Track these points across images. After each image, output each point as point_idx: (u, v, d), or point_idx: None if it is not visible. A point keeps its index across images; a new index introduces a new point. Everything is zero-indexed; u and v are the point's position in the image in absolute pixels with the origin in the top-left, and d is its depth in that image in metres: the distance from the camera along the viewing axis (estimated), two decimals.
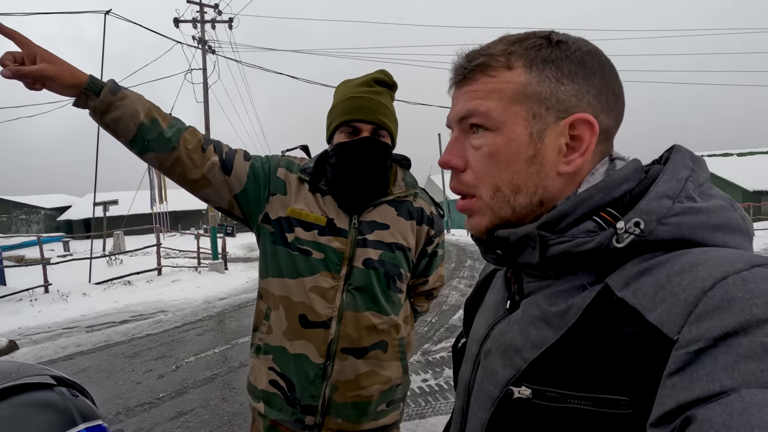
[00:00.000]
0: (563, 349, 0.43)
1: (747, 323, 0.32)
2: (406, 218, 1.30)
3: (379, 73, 1.27)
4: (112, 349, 5.32)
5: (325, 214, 1.23)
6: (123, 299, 8.55)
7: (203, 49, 13.53)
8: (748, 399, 0.29)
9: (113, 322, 6.87)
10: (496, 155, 0.49)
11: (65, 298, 8.51)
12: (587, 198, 0.46)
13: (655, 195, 0.43)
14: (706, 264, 0.37)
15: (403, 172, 1.36)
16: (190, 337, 5.65)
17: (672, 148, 0.49)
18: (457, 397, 0.60)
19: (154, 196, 14.28)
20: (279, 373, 1.24)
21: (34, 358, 5.10)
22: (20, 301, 8.30)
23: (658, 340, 0.36)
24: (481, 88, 0.49)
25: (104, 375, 4.40)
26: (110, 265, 12.18)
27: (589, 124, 0.47)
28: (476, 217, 0.52)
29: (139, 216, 23.14)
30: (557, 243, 0.45)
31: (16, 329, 6.63)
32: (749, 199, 18.50)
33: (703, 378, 0.32)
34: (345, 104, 1.21)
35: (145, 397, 3.76)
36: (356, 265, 1.22)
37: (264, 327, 1.27)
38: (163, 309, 7.66)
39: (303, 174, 1.28)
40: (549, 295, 0.48)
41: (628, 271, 0.42)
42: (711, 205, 0.43)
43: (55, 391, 0.80)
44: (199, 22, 13.62)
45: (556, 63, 0.47)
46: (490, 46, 0.50)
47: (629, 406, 0.37)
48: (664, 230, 0.41)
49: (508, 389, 0.47)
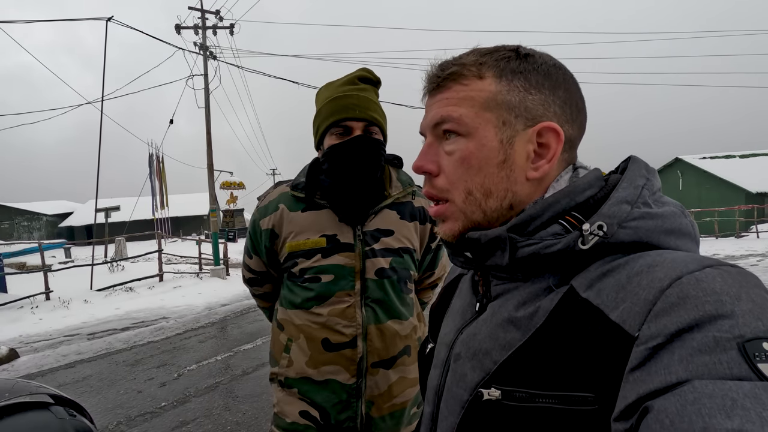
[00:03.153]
0: (531, 350, 0.45)
1: (700, 319, 0.35)
2: (409, 220, 1.28)
3: (362, 71, 1.25)
4: (114, 357, 5.28)
5: (324, 234, 1.20)
6: (124, 306, 8.51)
7: (204, 55, 13.57)
8: (700, 390, 0.31)
9: (114, 330, 6.83)
10: (469, 160, 0.51)
11: (66, 305, 8.48)
12: (554, 202, 0.49)
13: (616, 200, 0.46)
14: (662, 265, 0.40)
15: (396, 171, 1.33)
16: (192, 344, 5.60)
17: (629, 158, 0.53)
18: (427, 403, 0.61)
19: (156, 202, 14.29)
20: (309, 403, 1.20)
21: (34, 367, 5.06)
22: (21, 308, 8.27)
23: (620, 338, 0.38)
24: (454, 96, 0.51)
25: (105, 383, 4.35)
26: (112, 272, 12.15)
27: (555, 132, 0.50)
28: (449, 222, 0.54)
29: (141, 222, 23.16)
30: (526, 245, 0.47)
31: (17, 337, 6.59)
32: (752, 201, 18.42)
33: (660, 371, 0.34)
34: (332, 105, 1.17)
35: (147, 407, 3.71)
36: (369, 277, 1.20)
37: (284, 360, 1.24)
38: (165, 316, 7.61)
39: (296, 191, 1.24)
40: (516, 297, 0.50)
41: (591, 273, 0.45)
42: (665, 211, 0.47)
43: (51, 410, 0.76)
44: (201, 28, 13.67)
45: (524, 74, 0.50)
46: (462, 57, 0.53)
47: (595, 402, 0.39)
48: (624, 233, 0.45)
49: (477, 391, 0.48)
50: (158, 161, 14.45)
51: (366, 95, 1.19)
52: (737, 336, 0.33)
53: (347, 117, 1.15)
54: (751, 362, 0.32)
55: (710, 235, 15.86)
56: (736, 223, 15.86)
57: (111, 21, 10.15)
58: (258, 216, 1.29)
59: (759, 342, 0.32)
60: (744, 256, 10.84)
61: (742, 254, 11.11)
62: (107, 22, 10.10)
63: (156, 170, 14.45)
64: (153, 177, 14.45)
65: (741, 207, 16.71)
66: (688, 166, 22.19)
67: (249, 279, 1.39)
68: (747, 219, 16.59)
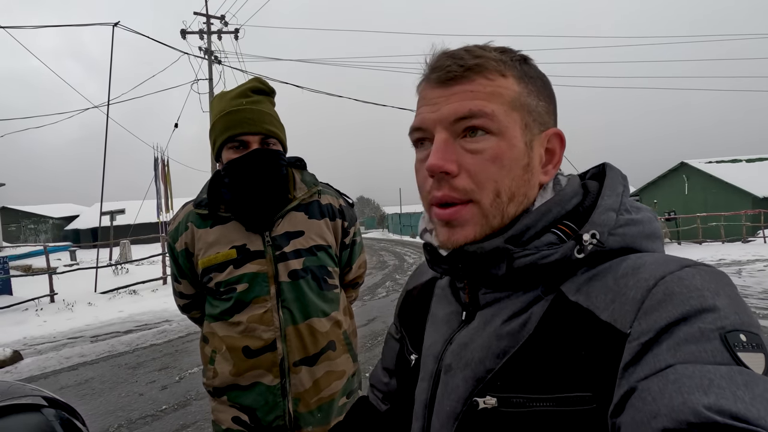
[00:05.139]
0: (526, 355, 0.45)
1: (686, 313, 0.37)
2: (318, 218, 1.29)
3: (255, 82, 1.26)
4: (116, 360, 5.29)
5: (234, 246, 1.22)
6: (128, 309, 8.55)
7: (209, 60, 13.68)
8: (681, 371, 0.34)
9: (118, 332, 6.85)
10: (501, 159, 0.48)
11: (71, 307, 8.52)
12: (547, 211, 0.49)
13: (604, 208, 0.48)
14: (645, 267, 0.42)
15: (300, 173, 1.34)
16: (194, 348, 5.60)
17: (604, 165, 0.55)
18: (416, 418, 0.57)
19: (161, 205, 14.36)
20: (239, 408, 1.24)
21: (37, 369, 5.08)
22: (26, 310, 8.32)
23: (612, 336, 0.40)
24: (480, 90, 0.48)
25: (107, 386, 4.36)
26: (116, 275, 12.21)
27: (560, 138, 0.52)
28: (468, 227, 0.49)
29: (146, 225, 23.28)
30: (523, 256, 0.47)
31: (21, 339, 6.63)
32: (759, 206, 18.25)
33: (650, 360, 0.36)
34: (226, 119, 1.18)
35: (148, 409, 3.72)
36: (283, 280, 1.22)
37: (209, 372, 1.28)
38: (168, 319, 7.63)
39: (200, 208, 1.26)
40: (507, 305, 0.49)
41: (578, 279, 0.46)
42: (643, 216, 0.49)
43: (43, 413, 0.76)
44: (206, 33, 13.79)
45: (533, 80, 0.51)
46: (477, 49, 0.50)
47: (593, 401, 0.40)
48: (614, 240, 0.46)
49: (472, 401, 0.47)
50: (163, 165, 14.54)
51: (260, 108, 1.19)
52: (719, 327, 0.36)
53: (242, 132, 1.16)
54: (731, 350, 0.35)
55: (716, 240, 15.73)
56: (743, 227, 15.72)
57: (117, 26, 10.27)
58: (171, 240, 1.30)
59: (737, 333, 0.36)
60: (750, 261, 10.73)
61: (749, 259, 10.99)
62: (114, 28, 10.21)
63: (161, 173, 14.54)
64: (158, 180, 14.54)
65: (748, 212, 16.57)
66: (693, 170, 22.04)
67: (184, 305, 1.39)
68: (754, 224, 16.43)
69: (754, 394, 0.32)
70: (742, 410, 0.31)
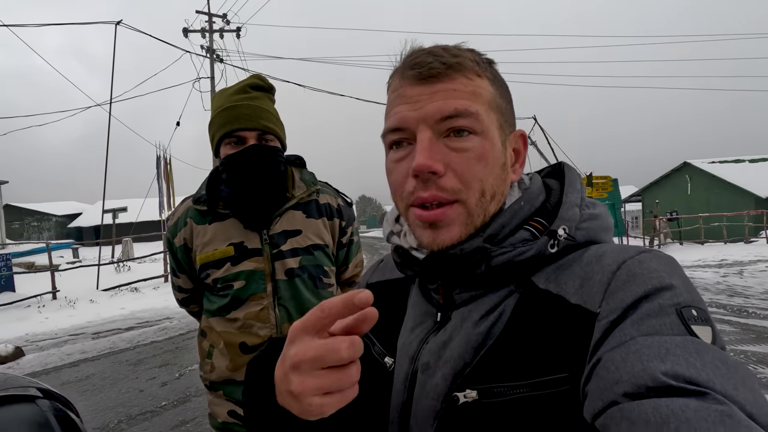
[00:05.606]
0: (503, 345, 0.46)
1: (648, 291, 0.41)
2: (316, 217, 1.29)
3: (254, 78, 1.26)
4: (117, 356, 5.33)
5: (231, 243, 1.22)
6: (130, 306, 8.59)
7: (211, 58, 13.70)
8: (641, 342, 0.37)
9: (119, 329, 6.89)
10: (486, 158, 0.48)
11: (72, 304, 8.57)
12: (518, 210, 0.51)
13: (570, 204, 0.51)
14: (607, 254, 0.46)
15: (299, 171, 1.34)
16: (194, 345, 5.62)
17: (561, 164, 0.58)
18: (391, 424, 0.54)
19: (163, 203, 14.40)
20: (235, 402, 1.25)
21: (39, 365, 5.12)
22: (28, 307, 8.37)
23: (583, 316, 0.43)
24: (462, 89, 0.48)
25: (108, 382, 4.39)
26: (118, 272, 12.27)
27: (524, 139, 0.54)
28: (453, 227, 0.48)
29: (148, 223, 23.35)
30: (500, 254, 0.48)
31: (23, 335, 6.67)
32: (762, 206, 18.17)
33: (617, 335, 0.39)
34: (224, 115, 1.18)
35: (148, 406, 3.74)
36: (279, 278, 1.23)
37: (207, 366, 1.29)
38: (169, 316, 7.67)
39: (199, 204, 1.26)
40: (484, 301, 0.50)
41: (547, 270, 0.48)
42: (600, 211, 0.53)
43: (37, 404, 0.77)
44: (208, 31, 13.82)
45: (500, 82, 0.52)
46: (455, 50, 0.50)
47: (568, 381, 0.42)
48: (580, 234, 0.50)
49: (452, 396, 0.47)
50: (165, 163, 14.58)
51: (258, 104, 1.20)
52: (676, 303, 0.40)
53: (239, 127, 1.17)
54: (686, 323, 0.39)
55: (719, 240, 15.67)
56: (745, 228, 15.66)
57: (120, 25, 10.30)
58: (170, 235, 1.31)
59: (690, 309, 0.40)
60: (753, 261, 10.68)
61: (751, 260, 10.95)
62: (116, 26, 10.24)
63: (163, 172, 14.58)
64: (160, 178, 14.58)
65: (750, 212, 16.51)
66: (696, 170, 21.98)
67: (183, 299, 1.41)
68: (756, 224, 16.37)
69: (704, 360, 0.35)
70: (694, 375, 0.34)
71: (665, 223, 16.78)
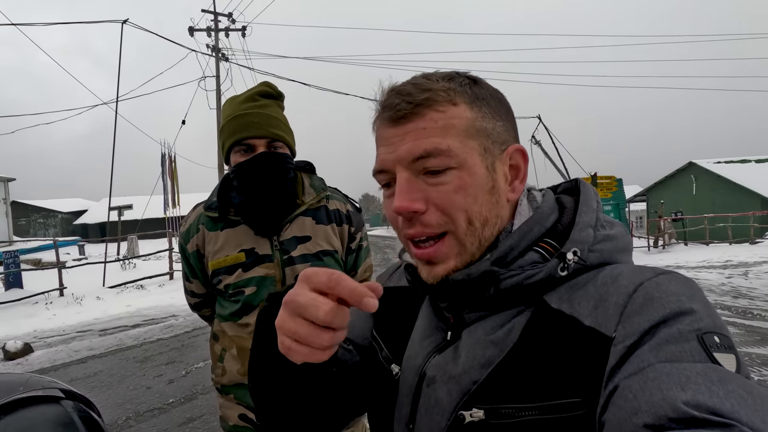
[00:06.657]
0: (512, 363, 0.45)
1: (666, 316, 0.40)
2: (326, 223, 1.31)
3: (263, 86, 1.27)
4: (124, 353, 5.39)
5: (242, 249, 1.24)
6: (135, 303, 8.66)
7: (217, 57, 13.74)
8: (660, 369, 0.36)
9: (125, 326, 6.96)
10: (466, 189, 0.48)
11: (79, 301, 8.65)
12: (528, 231, 0.50)
13: (583, 225, 0.49)
14: (623, 275, 0.45)
15: (309, 177, 1.36)
16: (200, 342, 5.68)
17: (577, 180, 0.57)
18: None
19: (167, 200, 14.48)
20: (246, 406, 1.27)
21: (47, 361, 5.18)
22: (36, 304, 8.46)
23: (597, 340, 0.42)
24: (432, 125, 0.47)
25: (116, 379, 4.44)
26: (124, 269, 12.36)
27: (523, 153, 0.52)
28: (448, 261, 0.49)
29: (153, 220, 23.46)
30: (509, 277, 0.48)
31: (32, 332, 6.75)
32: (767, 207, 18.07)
33: (634, 361, 0.38)
34: (233, 123, 1.20)
35: (155, 403, 3.79)
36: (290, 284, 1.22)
37: (218, 370, 1.31)
38: (174, 314, 7.73)
39: (210, 211, 1.28)
40: (493, 319, 0.50)
41: (560, 290, 0.47)
42: (617, 232, 0.51)
43: (61, 404, 0.81)
44: (213, 30, 13.86)
45: (486, 100, 0.51)
46: (424, 82, 0.49)
47: (582, 407, 0.41)
48: (593, 256, 0.48)
49: (458, 414, 0.47)
50: (170, 161, 14.66)
51: (267, 111, 1.21)
52: (696, 329, 0.39)
53: (249, 135, 1.19)
54: (707, 350, 0.37)
55: (724, 241, 15.58)
56: (751, 229, 15.55)
57: (126, 23, 10.35)
58: (183, 241, 1.33)
59: (712, 335, 0.39)
60: (758, 262, 10.61)
61: (756, 261, 10.87)
62: (123, 25, 10.30)
63: (168, 169, 14.66)
64: (165, 176, 14.66)
65: (756, 213, 16.39)
66: (702, 170, 21.82)
67: (195, 304, 1.42)
68: (762, 225, 16.26)
69: (727, 389, 0.33)
70: (717, 404, 0.32)
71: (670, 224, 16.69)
